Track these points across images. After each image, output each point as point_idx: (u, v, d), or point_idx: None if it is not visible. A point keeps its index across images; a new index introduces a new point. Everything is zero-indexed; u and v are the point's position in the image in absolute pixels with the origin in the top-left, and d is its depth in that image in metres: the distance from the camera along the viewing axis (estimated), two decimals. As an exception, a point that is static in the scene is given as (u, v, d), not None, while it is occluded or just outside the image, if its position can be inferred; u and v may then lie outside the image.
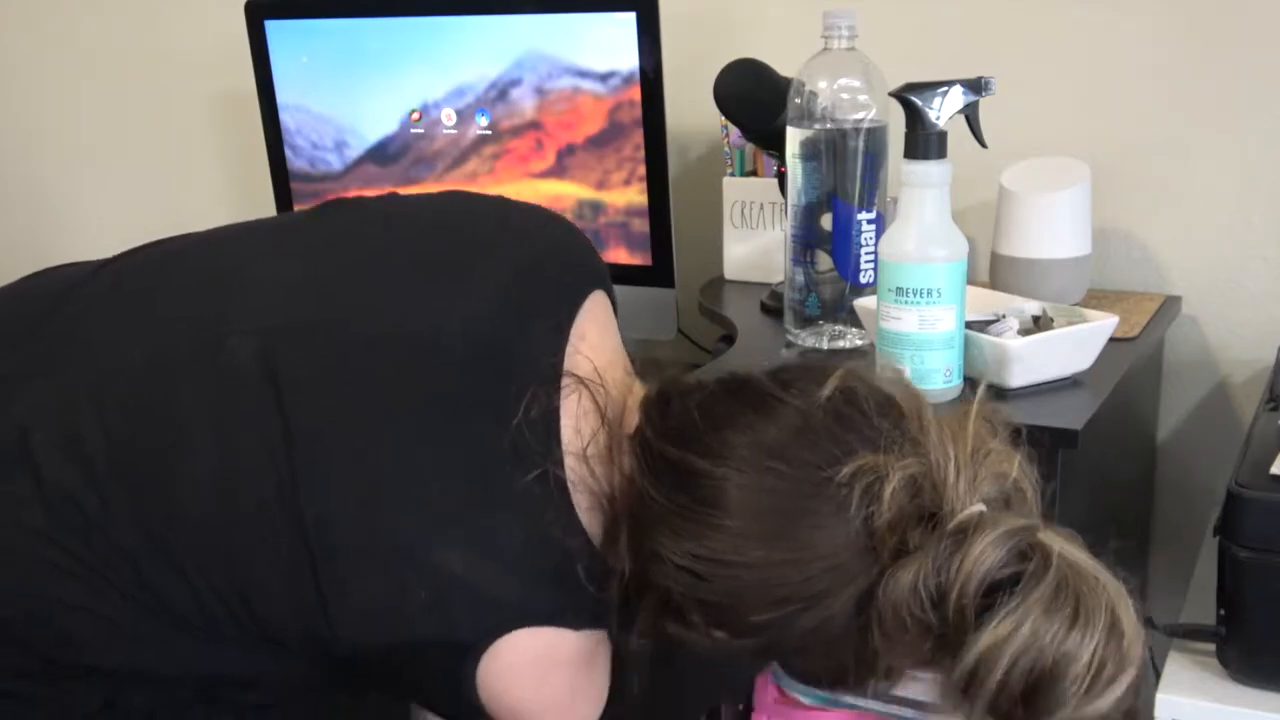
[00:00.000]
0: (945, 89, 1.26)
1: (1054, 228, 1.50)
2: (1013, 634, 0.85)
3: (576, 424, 0.97)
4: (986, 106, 1.74)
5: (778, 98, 1.44)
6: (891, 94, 1.28)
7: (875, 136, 1.39)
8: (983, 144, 1.32)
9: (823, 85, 1.38)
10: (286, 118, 1.89)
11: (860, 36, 1.40)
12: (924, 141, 1.23)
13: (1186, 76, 1.63)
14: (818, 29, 1.41)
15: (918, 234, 1.21)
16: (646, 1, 1.61)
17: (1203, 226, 1.65)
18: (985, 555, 0.86)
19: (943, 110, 1.26)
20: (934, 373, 1.22)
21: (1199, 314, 1.67)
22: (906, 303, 1.21)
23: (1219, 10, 1.60)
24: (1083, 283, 1.54)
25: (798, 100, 1.38)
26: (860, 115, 1.37)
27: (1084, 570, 0.90)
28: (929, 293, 1.20)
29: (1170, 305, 1.62)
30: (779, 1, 1.80)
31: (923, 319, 1.21)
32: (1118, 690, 0.89)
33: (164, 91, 2.31)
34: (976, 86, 1.29)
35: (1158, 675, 1.31)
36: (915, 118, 1.25)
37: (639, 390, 1.04)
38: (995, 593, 0.87)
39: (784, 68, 1.50)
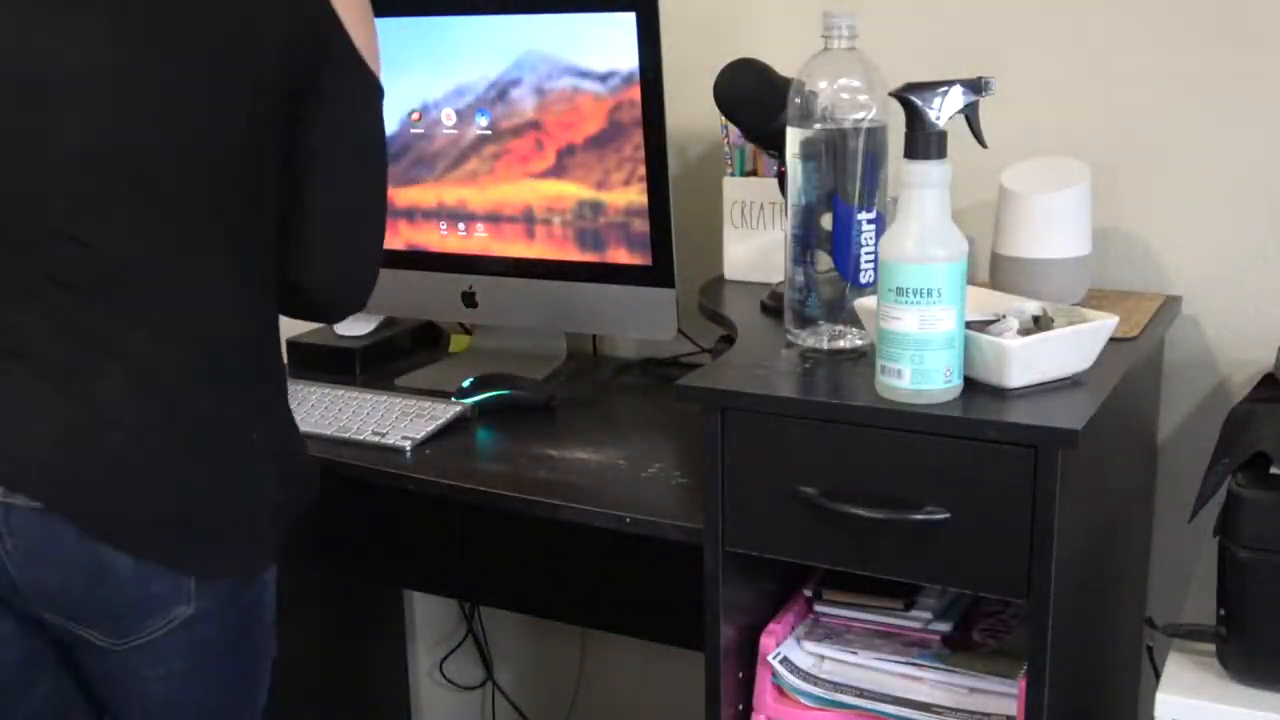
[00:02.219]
0: (945, 89, 1.26)
1: (1054, 228, 1.50)
2: None
3: None
4: (986, 106, 1.74)
5: (778, 98, 1.44)
6: (892, 94, 1.28)
7: (875, 136, 1.39)
8: (983, 144, 1.32)
9: (823, 85, 1.38)
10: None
11: (860, 36, 1.40)
12: (924, 141, 1.23)
13: (1187, 76, 1.63)
14: (818, 29, 1.40)
15: (918, 234, 1.21)
16: (646, 1, 1.61)
17: (1203, 226, 1.65)
18: None
19: (943, 110, 1.26)
20: (934, 372, 1.22)
21: (1199, 314, 1.67)
22: (906, 303, 1.21)
23: (1219, 10, 1.60)
24: (1083, 283, 1.54)
25: (798, 100, 1.38)
26: (860, 115, 1.37)
27: None
28: (929, 293, 1.20)
29: (1170, 305, 1.62)
30: (779, 1, 1.80)
31: (923, 319, 1.21)
32: None
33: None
34: (976, 86, 1.29)
35: (1158, 675, 1.31)
36: (915, 118, 1.25)
37: None
38: None
39: (784, 68, 1.50)
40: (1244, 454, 1.25)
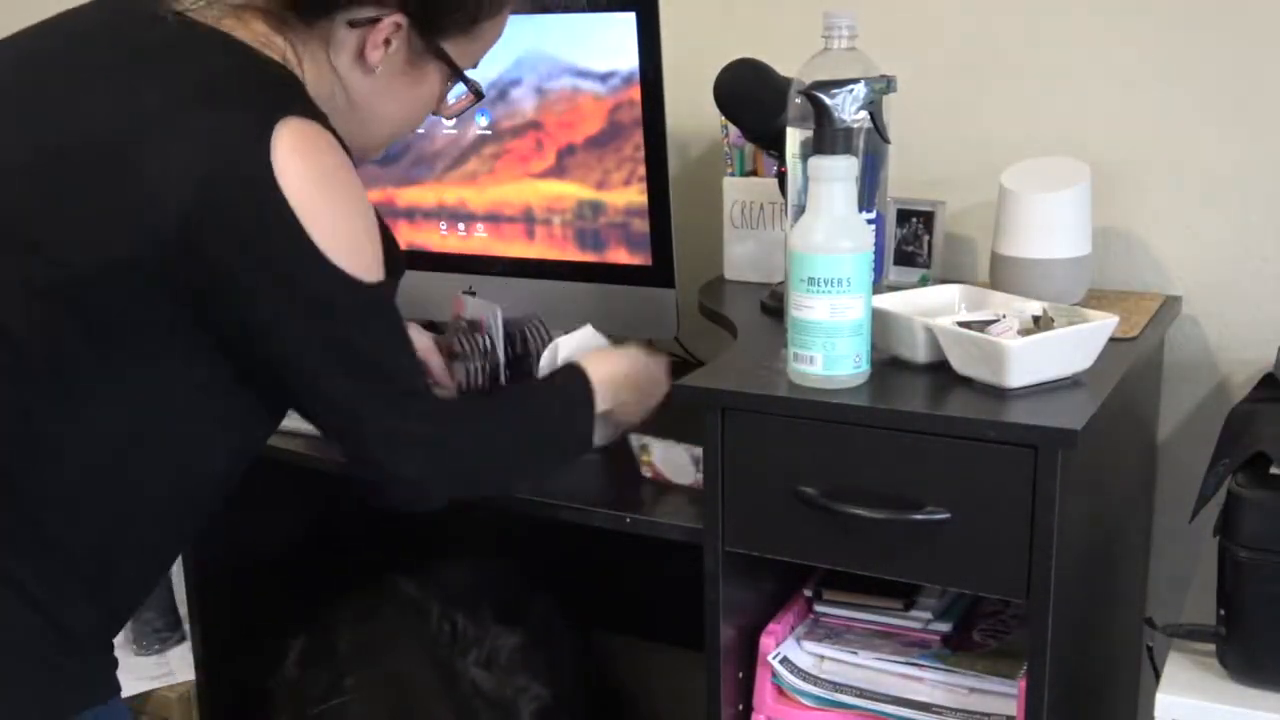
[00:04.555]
0: (851, 87, 1.31)
1: (1054, 228, 1.50)
2: None
3: None
4: (987, 106, 1.74)
5: (778, 98, 1.44)
6: (800, 92, 1.32)
7: (875, 137, 1.39)
8: (885, 139, 1.38)
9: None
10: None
11: (860, 36, 1.40)
12: (831, 137, 1.27)
13: (1187, 77, 1.63)
14: (818, 29, 1.41)
15: (826, 226, 1.24)
16: (646, 1, 1.61)
17: (1203, 226, 1.65)
18: None
19: (848, 108, 1.31)
20: (844, 359, 1.26)
21: (1199, 314, 1.67)
22: (817, 292, 1.24)
23: (1219, 11, 1.60)
24: (1083, 283, 1.54)
25: (798, 100, 1.38)
26: (860, 115, 1.37)
27: None
28: (839, 282, 1.24)
29: (1170, 305, 1.62)
30: (779, 1, 1.80)
31: (833, 307, 1.24)
32: None
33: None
34: (880, 84, 1.33)
35: (1158, 675, 1.31)
36: (823, 115, 1.29)
37: None
38: None
39: (784, 68, 1.50)
40: (1244, 454, 1.25)
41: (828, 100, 1.29)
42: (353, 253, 1.14)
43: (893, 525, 1.25)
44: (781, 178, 1.50)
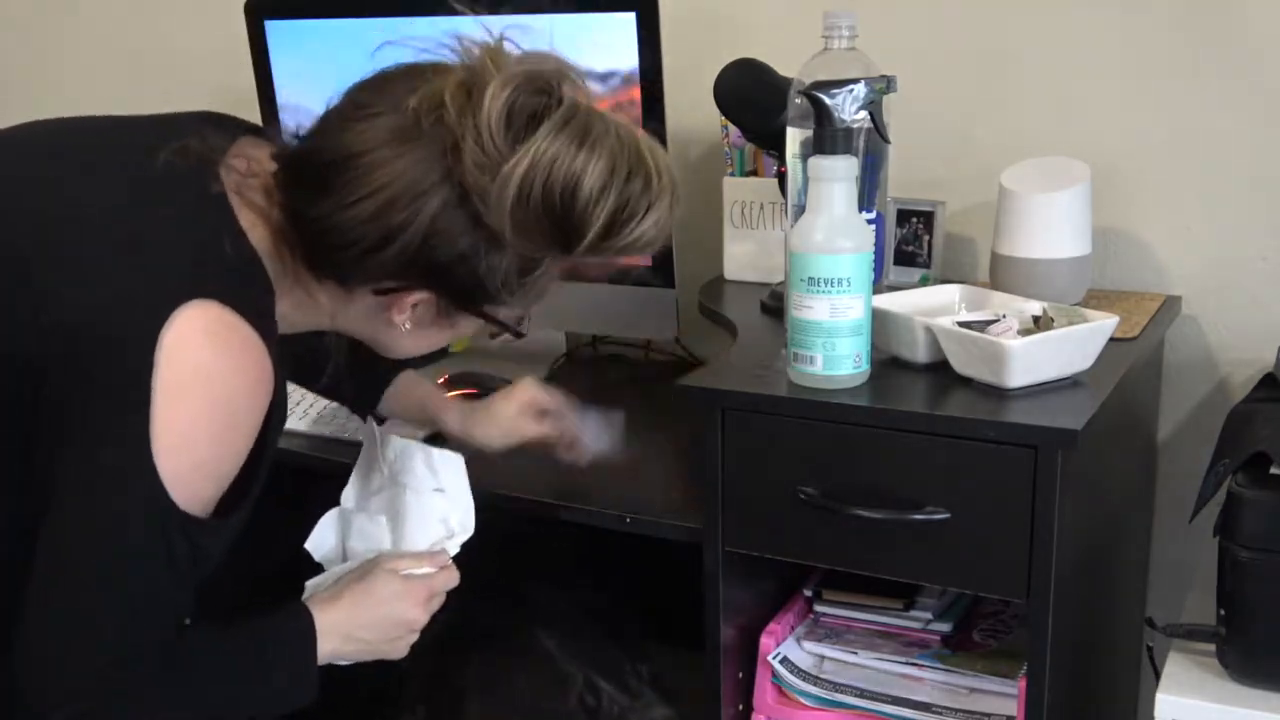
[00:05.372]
0: (851, 87, 1.32)
1: (1054, 228, 1.50)
2: (525, 159, 1.03)
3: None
4: (987, 106, 1.74)
5: (778, 98, 1.45)
6: (800, 92, 1.32)
7: (875, 137, 1.39)
8: (885, 139, 1.38)
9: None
10: (286, 117, 1.89)
11: (860, 36, 1.40)
12: (831, 137, 1.27)
13: (1187, 76, 1.63)
14: (818, 29, 1.41)
15: (826, 226, 1.24)
16: (646, 1, 1.61)
17: (1203, 226, 1.65)
18: (495, 95, 1.05)
19: (848, 108, 1.31)
20: (844, 359, 1.26)
21: (1199, 314, 1.67)
22: (818, 292, 1.24)
23: (1219, 11, 1.60)
24: (1083, 283, 1.54)
25: (798, 100, 1.38)
26: (860, 115, 1.37)
27: (599, 111, 1.08)
28: (839, 282, 1.24)
29: (1170, 305, 1.62)
30: (779, 1, 1.80)
31: (833, 307, 1.24)
32: (643, 226, 1.09)
33: (164, 91, 2.31)
34: (880, 84, 1.33)
35: (1158, 675, 1.31)
36: (823, 115, 1.30)
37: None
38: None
39: (784, 68, 1.50)
40: (1244, 454, 1.25)
41: (828, 100, 1.30)
42: (187, 464, 1.04)
43: (892, 525, 1.25)
44: (781, 178, 1.50)
